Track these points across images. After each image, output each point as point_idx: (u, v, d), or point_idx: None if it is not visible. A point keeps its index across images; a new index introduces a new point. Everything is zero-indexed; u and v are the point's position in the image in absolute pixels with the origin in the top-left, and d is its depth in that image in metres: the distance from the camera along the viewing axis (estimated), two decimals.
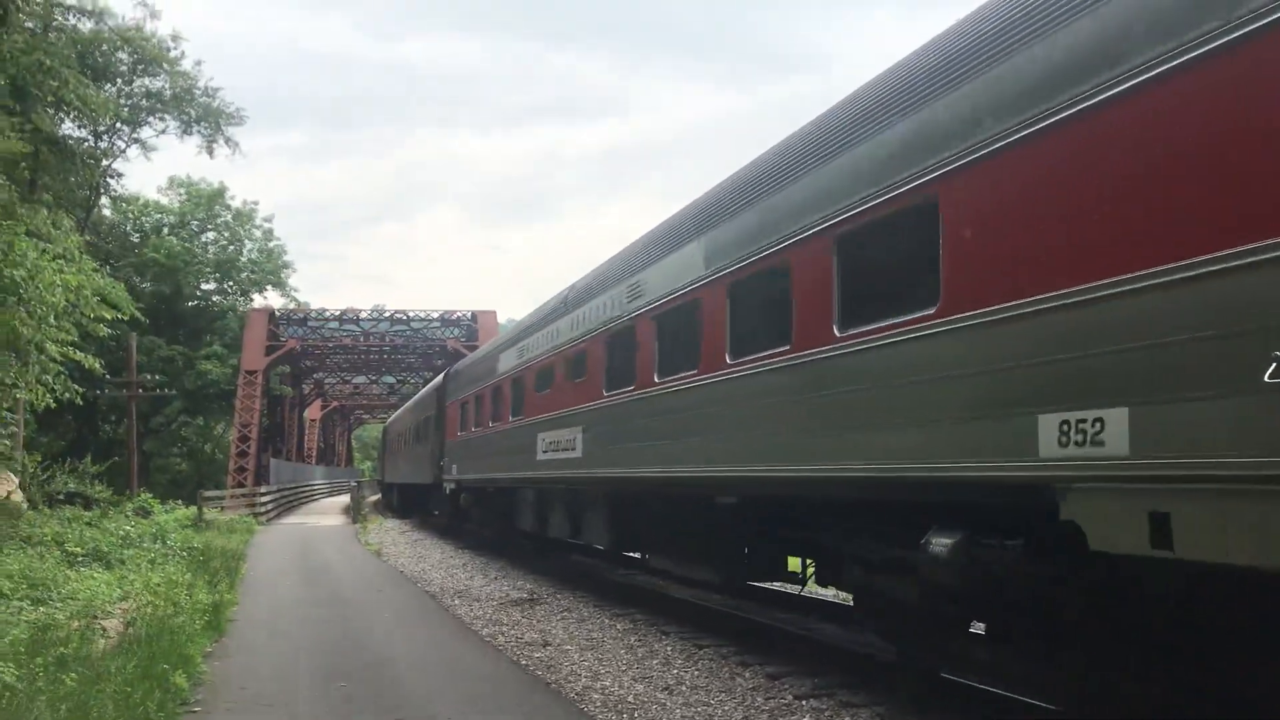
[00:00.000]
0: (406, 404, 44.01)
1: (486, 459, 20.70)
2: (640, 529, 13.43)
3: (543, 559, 20.74)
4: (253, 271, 61.84)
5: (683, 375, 10.53)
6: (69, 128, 35.96)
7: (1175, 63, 5.00)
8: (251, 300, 61.05)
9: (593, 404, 13.54)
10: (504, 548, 22.70)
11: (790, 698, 8.49)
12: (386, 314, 59.33)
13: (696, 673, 9.62)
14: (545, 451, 15.73)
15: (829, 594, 13.58)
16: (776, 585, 13.28)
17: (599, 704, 8.41)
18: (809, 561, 10.33)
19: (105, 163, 43.83)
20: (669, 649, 10.85)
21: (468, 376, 24.47)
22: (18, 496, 18.68)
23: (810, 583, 10.65)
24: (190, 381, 52.77)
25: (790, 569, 10.82)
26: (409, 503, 40.78)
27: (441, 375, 29.55)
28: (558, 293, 16.84)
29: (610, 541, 14.34)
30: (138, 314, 19.82)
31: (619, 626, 12.48)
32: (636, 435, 11.80)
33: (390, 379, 74.92)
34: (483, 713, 7.97)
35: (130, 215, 57.39)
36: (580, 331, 14.42)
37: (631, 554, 15.97)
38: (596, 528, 14.52)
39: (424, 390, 36.42)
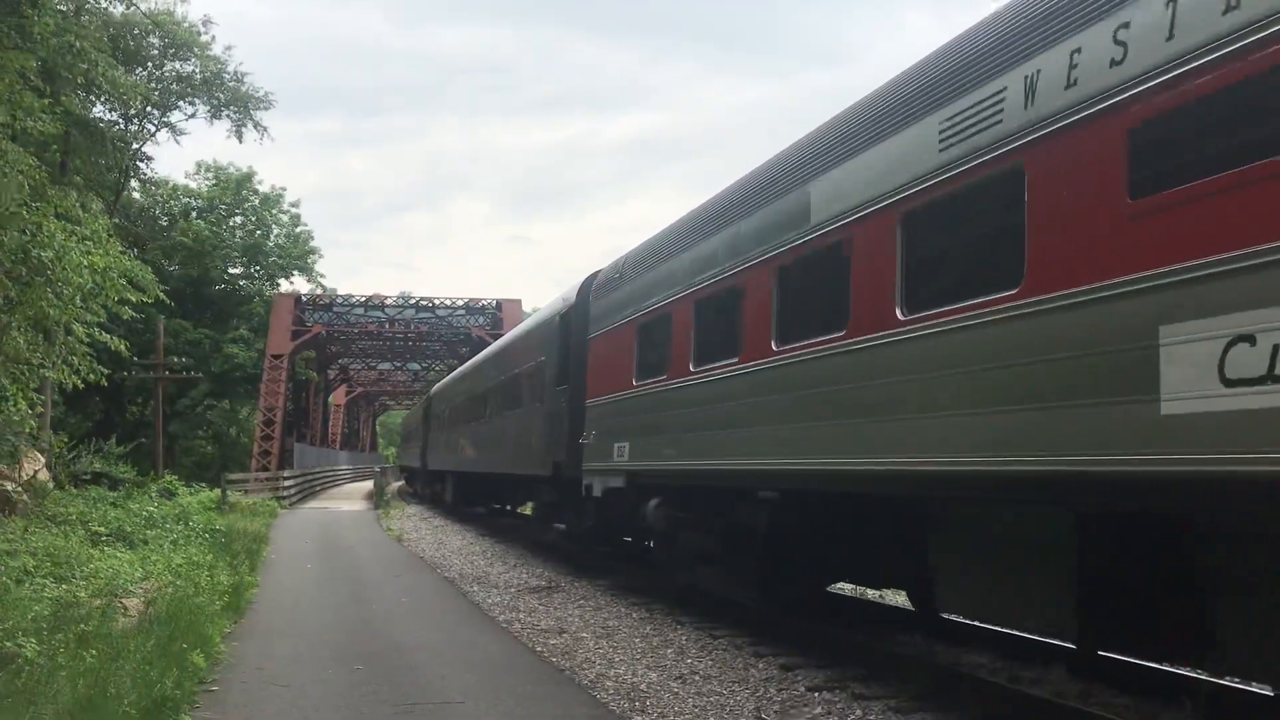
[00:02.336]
0: (469, 362, 33.51)
1: (728, 430, 10.49)
2: None
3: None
4: (279, 256, 62.17)
5: None
6: (99, 111, 36.23)
7: None
8: (278, 285, 61.42)
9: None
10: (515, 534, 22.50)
11: (803, 689, 8.50)
12: (412, 301, 59.60)
13: (710, 663, 9.63)
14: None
15: (846, 588, 13.56)
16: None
17: (612, 691, 8.45)
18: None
19: (135, 146, 44.10)
20: (684, 639, 10.87)
21: (640, 288, 13.53)
22: (44, 476, 18.88)
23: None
24: (216, 365, 53.18)
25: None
26: (471, 498, 31.47)
27: (575, 291, 16.77)
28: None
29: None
30: (163, 296, 19.96)
31: (635, 615, 12.51)
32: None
33: (415, 366, 75.28)
34: (496, 698, 8.01)
35: (159, 199, 57.78)
36: None
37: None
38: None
39: (523, 327, 22.99)
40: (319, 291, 63.07)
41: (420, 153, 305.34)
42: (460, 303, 58.12)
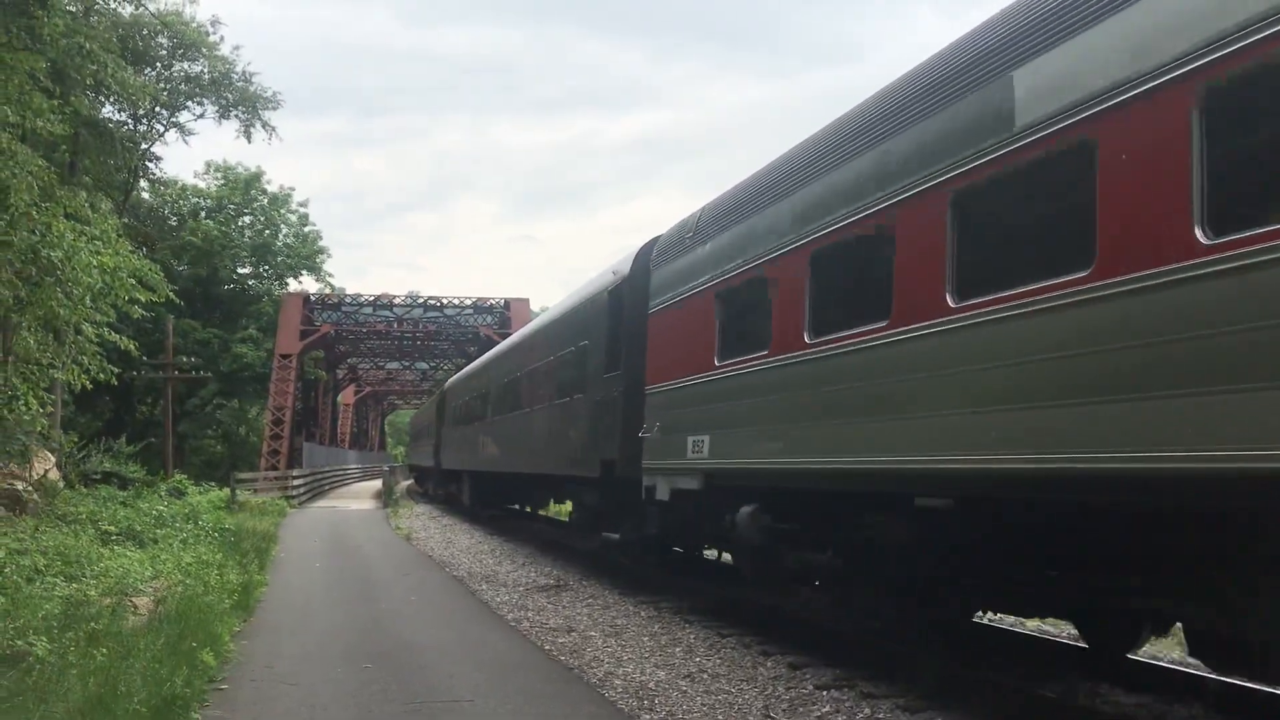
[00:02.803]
0: (490, 353, 30.79)
1: (868, 420, 8.17)
2: None
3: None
4: (288, 256, 62.26)
5: None
6: (108, 111, 36.32)
7: None
8: (286, 285, 61.51)
9: None
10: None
11: (811, 687, 8.49)
12: (420, 300, 59.66)
13: (719, 661, 9.64)
14: None
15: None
16: None
17: (620, 690, 8.45)
18: None
19: (144, 146, 44.18)
20: (692, 637, 10.87)
21: (723, 246, 11.26)
22: (55, 475, 18.95)
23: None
24: (226, 364, 53.26)
25: None
26: (492, 500, 29.02)
27: (629, 260, 14.56)
28: None
29: None
30: (173, 296, 20.01)
31: (643, 614, 12.51)
32: None
33: (423, 365, 75.38)
34: (504, 696, 8.02)
35: (168, 199, 57.90)
36: None
37: None
38: None
39: (559, 309, 19.86)
40: (327, 291, 63.17)
41: (427, 153, 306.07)
42: (468, 302, 58.19)
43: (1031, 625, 11.68)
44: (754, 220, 10.44)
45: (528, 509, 29.20)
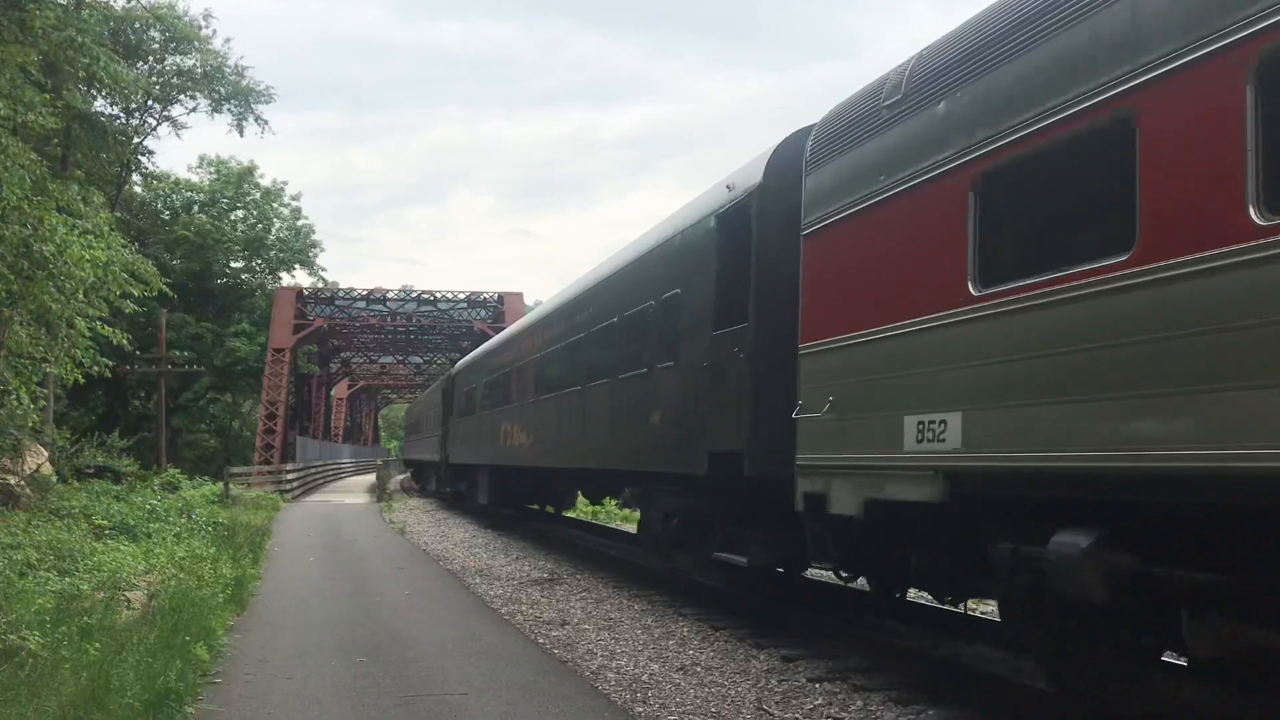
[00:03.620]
0: (518, 324, 25.73)
1: None
2: None
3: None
4: (281, 250, 62.19)
5: None
6: (100, 105, 36.20)
7: None
8: (280, 279, 61.47)
9: None
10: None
11: (804, 680, 8.51)
12: (414, 294, 59.67)
13: (712, 654, 9.65)
14: None
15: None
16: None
17: (613, 683, 8.47)
18: None
19: (136, 140, 44.06)
20: (685, 630, 10.88)
21: (979, 101, 6.93)
22: (48, 469, 18.92)
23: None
24: (219, 358, 53.20)
25: None
26: (519, 500, 24.96)
27: (761, 165, 10.33)
28: None
29: None
30: (166, 289, 19.95)
31: (637, 607, 12.53)
32: None
33: (417, 359, 75.40)
34: (498, 690, 8.03)
35: (161, 193, 57.80)
36: None
37: None
38: None
39: (634, 250, 14.54)
40: (321, 285, 63.15)
41: (422, 146, 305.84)
42: (462, 296, 58.21)
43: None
44: (1091, 22, 5.97)
45: (548, 509, 26.01)
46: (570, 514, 27.20)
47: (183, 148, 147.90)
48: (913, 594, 10.53)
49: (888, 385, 7.68)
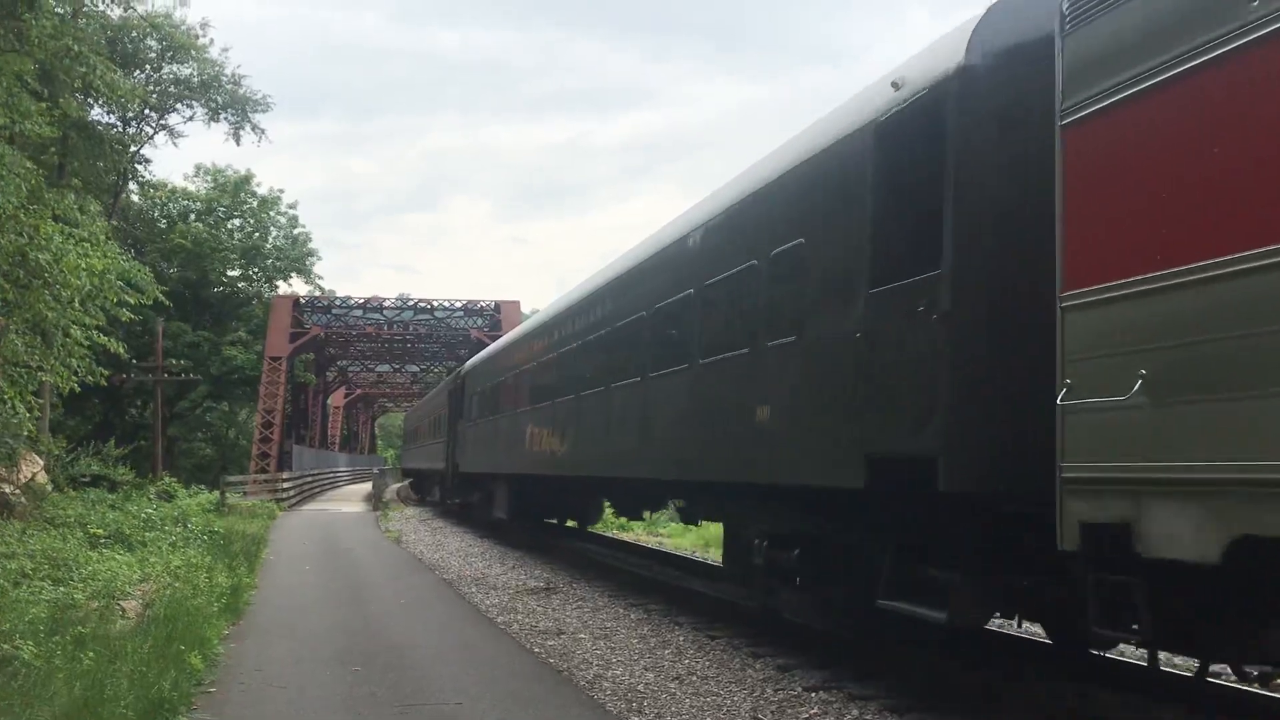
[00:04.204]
0: (550, 307, 21.33)
1: None
2: None
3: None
4: (278, 258, 62.19)
5: None
6: (97, 113, 36.27)
7: None
8: (276, 287, 61.47)
9: None
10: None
11: (800, 689, 8.50)
12: (410, 303, 59.65)
13: (708, 663, 9.64)
14: None
15: None
16: None
17: (609, 692, 8.46)
18: None
19: (133, 149, 44.14)
20: (681, 639, 10.87)
21: None
22: (43, 478, 18.87)
23: None
24: (215, 367, 53.15)
25: None
26: (537, 512, 22.47)
27: (979, 22, 7.02)
28: None
29: None
30: (162, 298, 19.97)
31: (633, 616, 12.51)
32: None
33: (413, 368, 75.37)
34: (493, 699, 8.02)
35: (158, 202, 57.81)
36: None
37: None
38: None
39: (741, 186, 10.77)
40: (317, 293, 63.12)
41: (420, 153, 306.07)
42: (458, 304, 58.20)
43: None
44: None
45: (570, 523, 23.78)
46: (622, 532, 25.29)
47: (179, 156, 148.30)
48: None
49: (1275, 344, 4.55)
